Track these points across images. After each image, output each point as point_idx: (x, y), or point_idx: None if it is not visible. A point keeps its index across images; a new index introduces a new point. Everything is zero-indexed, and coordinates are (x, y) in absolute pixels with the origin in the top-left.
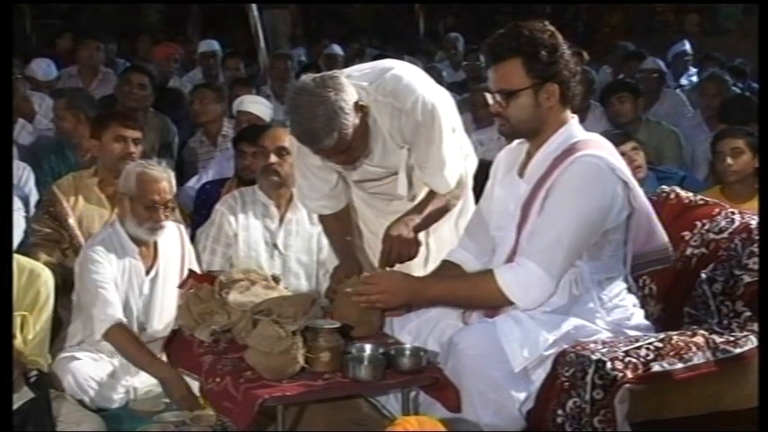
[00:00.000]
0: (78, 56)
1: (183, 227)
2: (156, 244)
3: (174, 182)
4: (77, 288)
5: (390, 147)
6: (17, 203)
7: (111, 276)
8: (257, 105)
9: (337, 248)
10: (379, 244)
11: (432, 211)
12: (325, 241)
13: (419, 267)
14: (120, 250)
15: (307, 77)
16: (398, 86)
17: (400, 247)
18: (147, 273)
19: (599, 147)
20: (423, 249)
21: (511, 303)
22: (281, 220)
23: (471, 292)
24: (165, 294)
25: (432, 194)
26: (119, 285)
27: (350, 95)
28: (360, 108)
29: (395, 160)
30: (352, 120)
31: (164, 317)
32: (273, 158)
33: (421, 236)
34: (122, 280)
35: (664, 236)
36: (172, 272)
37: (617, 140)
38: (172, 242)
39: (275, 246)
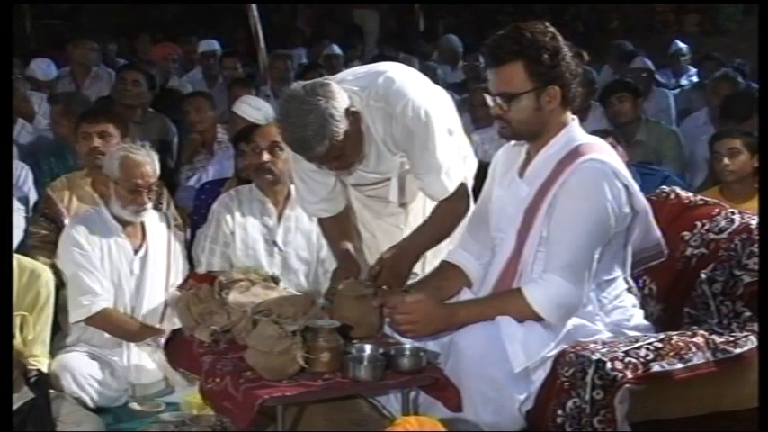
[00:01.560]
0: (72, 55)
1: (169, 213)
2: (143, 224)
3: (157, 165)
4: (60, 266)
5: (384, 153)
6: (16, 204)
7: (93, 258)
8: (247, 108)
9: (336, 251)
10: (377, 245)
11: (439, 227)
12: None
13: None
14: (103, 229)
15: (297, 85)
16: (390, 91)
17: (387, 276)
18: (136, 252)
19: (601, 151)
20: None
21: (542, 319)
22: (280, 216)
23: (501, 312)
24: (154, 274)
25: (439, 209)
26: (105, 264)
27: (341, 102)
28: (351, 114)
29: (388, 166)
30: (343, 127)
31: (153, 297)
32: (266, 157)
33: None
34: (109, 258)
35: (656, 231)
36: (160, 253)
37: (598, 136)
38: (158, 225)
39: (275, 243)
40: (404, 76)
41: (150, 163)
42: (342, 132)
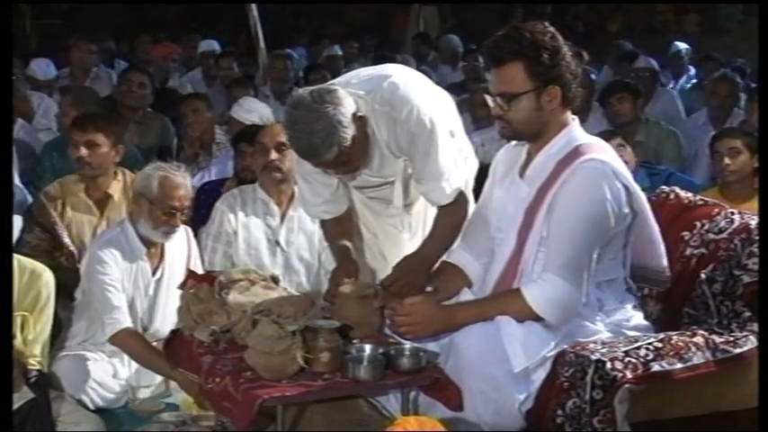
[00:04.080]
0: (71, 57)
1: (189, 229)
2: (162, 245)
3: (190, 187)
4: (84, 287)
5: (387, 156)
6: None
7: (117, 277)
8: (240, 111)
9: (336, 251)
10: (378, 245)
11: (447, 234)
12: None
13: None
14: (127, 250)
15: (304, 91)
16: (395, 96)
17: (403, 285)
18: (154, 273)
19: (602, 151)
20: None
21: (541, 319)
22: (283, 217)
23: (501, 312)
24: (168, 296)
25: (441, 217)
26: (125, 286)
27: (348, 108)
28: (358, 119)
29: (392, 170)
30: (351, 132)
31: (166, 318)
32: (274, 155)
33: (418, 239)
34: (129, 280)
35: (663, 259)
36: (177, 273)
37: (603, 137)
38: (178, 244)
39: (277, 243)
40: (408, 81)
41: (185, 186)
42: (350, 138)
